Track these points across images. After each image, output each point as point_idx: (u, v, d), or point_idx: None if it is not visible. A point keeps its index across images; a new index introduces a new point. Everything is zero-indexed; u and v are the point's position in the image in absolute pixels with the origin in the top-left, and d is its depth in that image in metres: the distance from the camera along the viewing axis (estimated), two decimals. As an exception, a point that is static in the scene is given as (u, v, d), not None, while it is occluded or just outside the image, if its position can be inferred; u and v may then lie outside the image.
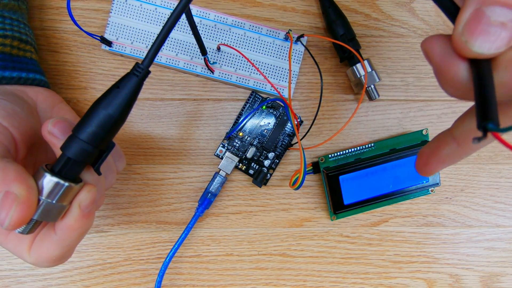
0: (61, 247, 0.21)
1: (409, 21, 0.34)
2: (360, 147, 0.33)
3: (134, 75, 0.18)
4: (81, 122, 0.18)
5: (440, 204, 0.35)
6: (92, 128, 0.18)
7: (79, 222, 0.20)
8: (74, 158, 0.18)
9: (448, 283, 0.35)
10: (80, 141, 0.18)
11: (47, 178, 0.19)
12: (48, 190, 0.19)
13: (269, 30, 0.32)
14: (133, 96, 0.19)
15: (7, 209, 0.17)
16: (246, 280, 0.34)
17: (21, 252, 0.21)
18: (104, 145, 0.19)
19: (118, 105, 0.18)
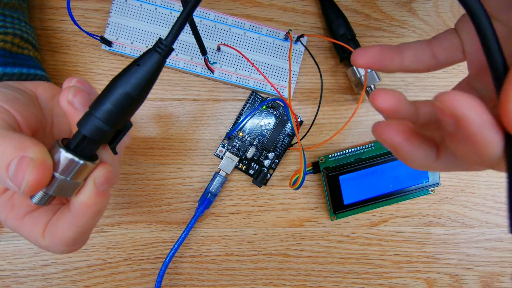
0: (75, 227, 0.20)
1: (409, 21, 0.34)
2: (360, 147, 0.33)
3: (156, 52, 0.17)
4: (99, 100, 0.18)
5: (440, 204, 0.35)
6: (109, 106, 0.17)
7: (94, 200, 0.20)
8: (89, 136, 0.18)
9: (448, 283, 0.35)
10: (97, 120, 0.17)
11: (62, 154, 0.18)
12: (63, 166, 0.18)
13: (269, 30, 0.32)
14: (154, 75, 0.18)
15: (23, 171, 0.17)
16: (246, 280, 0.34)
17: (35, 236, 0.21)
18: (121, 125, 0.19)
19: (138, 83, 0.17)
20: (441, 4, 0.34)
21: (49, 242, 0.21)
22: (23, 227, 0.21)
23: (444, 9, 0.34)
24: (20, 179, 0.17)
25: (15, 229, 0.22)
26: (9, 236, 0.32)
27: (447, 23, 0.34)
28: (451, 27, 0.34)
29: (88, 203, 0.20)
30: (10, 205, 0.21)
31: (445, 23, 0.34)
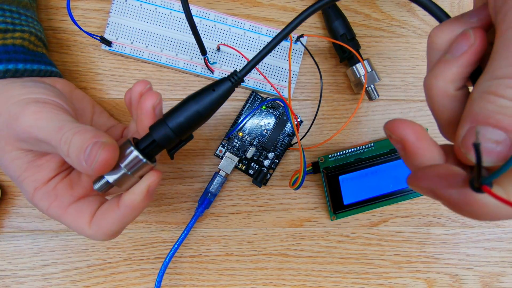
0: (121, 222, 0.22)
1: (409, 21, 0.34)
2: (360, 147, 0.33)
3: (230, 81, 0.21)
4: (173, 112, 0.21)
5: (440, 204, 0.35)
6: (181, 120, 0.20)
7: (144, 200, 0.22)
8: (158, 141, 0.21)
9: (448, 283, 0.35)
10: (168, 129, 0.20)
11: (132, 150, 0.21)
12: (129, 161, 0.21)
13: (269, 30, 0.32)
14: (223, 99, 0.21)
15: (96, 151, 0.19)
16: (246, 280, 0.34)
17: (81, 225, 0.23)
18: (185, 137, 0.22)
19: (209, 105, 0.21)
20: (441, 4, 0.34)
21: (95, 232, 0.23)
22: (67, 216, 0.23)
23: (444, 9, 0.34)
24: (92, 159, 0.19)
25: (58, 218, 0.23)
26: (9, 236, 0.32)
27: (447, 23, 0.34)
28: (451, 27, 0.34)
29: (138, 202, 0.22)
30: (54, 195, 0.23)
31: (445, 23, 0.34)
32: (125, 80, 0.32)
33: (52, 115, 0.22)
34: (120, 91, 0.32)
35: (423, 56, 0.34)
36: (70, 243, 0.33)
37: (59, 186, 0.23)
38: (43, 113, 0.22)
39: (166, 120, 0.21)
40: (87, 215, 0.23)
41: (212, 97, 0.21)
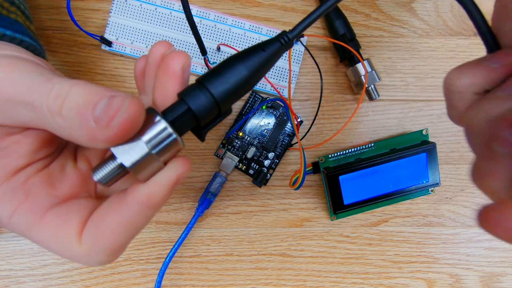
0: (130, 229, 0.15)
1: (409, 21, 0.34)
2: (360, 147, 0.33)
3: (279, 42, 0.17)
4: (213, 75, 0.16)
5: (440, 204, 0.35)
6: (226, 84, 0.16)
7: (166, 196, 0.15)
8: (195, 111, 0.15)
9: (448, 283, 0.35)
10: (209, 95, 0.15)
11: (159, 121, 0.14)
12: (153, 135, 0.14)
13: (269, 30, 0.32)
14: (272, 63, 0.17)
15: (114, 110, 0.13)
16: (246, 280, 0.34)
17: (66, 238, 0.15)
18: (226, 108, 0.17)
19: (258, 68, 0.16)
20: (441, 4, 0.34)
21: (89, 248, 0.15)
22: (45, 225, 0.16)
23: (444, 9, 0.34)
24: (110, 116, 0.13)
25: (27, 229, 0.16)
26: (9, 236, 0.32)
27: (447, 23, 0.34)
28: (451, 27, 0.34)
29: (160, 198, 0.15)
30: (24, 193, 0.16)
31: (445, 23, 0.34)
32: (125, 80, 0.32)
33: (32, 69, 0.15)
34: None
35: (423, 56, 0.34)
36: (70, 243, 0.33)
37: (33, 181, 0.16)
38: (19, 65, 0.15)
39: (206, 84, 0.15)
40: (76, 223, 0.16)
41: (262, 58, 0.16)
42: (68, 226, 0.16)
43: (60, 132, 0.14)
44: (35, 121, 0.15)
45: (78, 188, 0.18)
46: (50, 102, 0.14)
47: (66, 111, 0.13)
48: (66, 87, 0.14)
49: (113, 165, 0.15)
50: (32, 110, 0.14)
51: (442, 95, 0.34)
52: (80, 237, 0.15)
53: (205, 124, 0.17)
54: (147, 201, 0.15)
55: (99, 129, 0.13)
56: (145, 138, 0.14)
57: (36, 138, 0.16)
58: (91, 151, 0.19)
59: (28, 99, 0.14)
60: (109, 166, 0.15)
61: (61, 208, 0.16)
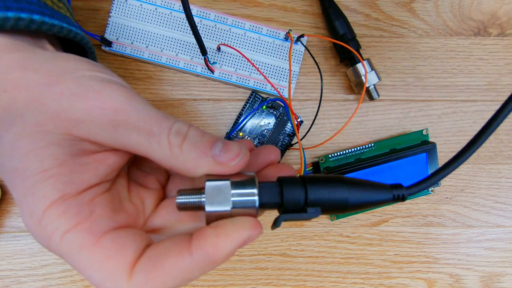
0: (182, 278, 0.15)
1: (409, 21, 0.34)
2: (360, 147, 0.33)
3: (392, 196, 0.19)
4: (319, 180, 0.17)
5: (440, 204, 0.35)
6: (325, 196, 0.17)
7: (231, 251, 0.15)
8: (284, 200, 0.17)
9: (448, 283, 0.35)
10: (303, 194, 0.17)
11: (253, 189, 0.16)
12: (241, 193, 0.16)
13: (269, 30, 0.32)
14: (375, 206, 0.18)
15: (234, 152, 0.16)
16: (246, 280, 0.34)
17: (115, 269, 0.14)
18: (312, 212, 0.17)
19: (358, 202, 0.18)
20: (441, 4, 0.34)
21: (138, 285, 0.14)
22: (98, 249, 0.15)
23: (444, 9, 0.34)
24: (228, 159, 0.16)
25: (78, 249, 0.15)
26: (9, 236, 0.32)
27: (447, 23, 0.34)
28: (451, 27, 0.34)
29: (225, 254, 0.15)
30: (88, 211, 0.15)
31: (445, 23, 0.34)
32: (126, 80, 0.32)
33: (139, 98, 0.17)
34: (120, 91, 0.32)
35: (423, 56, 0.34)
36: (70, 243, 0.33)
37: (98, 201, 0.16)
38: (133, 95, 0.17)
39: (307, 184, 0.17)
40: (131, 254, 0.15)
41: (367, 198, 0.18)
42: (123, 255, 0.15)
43: (163, 160, 0.16)
44: (142, 147, 0.16)
45: (133, 218, 0.18)
46: (172, 136, 0.16)
47: (187, 146, 0.16)
48: (186, 127, 0.17)
49: (196, 200, 0.17)
50: (145, 137, 0.16)
51: (442, 95, 0.34)
52: (131, 271, 0.15)
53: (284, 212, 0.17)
54: (212, 253, 0.15)
55: (215, 164, 0.16)
56: (234, 192, 0.16)
57: (116, 160, 0.17)
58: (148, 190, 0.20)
59: (146, 127, 0.16)
60: (193, 199, 0.17)
61: (118, 233, 0.16)
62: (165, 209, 0.19)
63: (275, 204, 0.17)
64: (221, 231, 0.15)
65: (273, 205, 0.17)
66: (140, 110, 0.16)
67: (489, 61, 0.34)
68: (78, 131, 0.16)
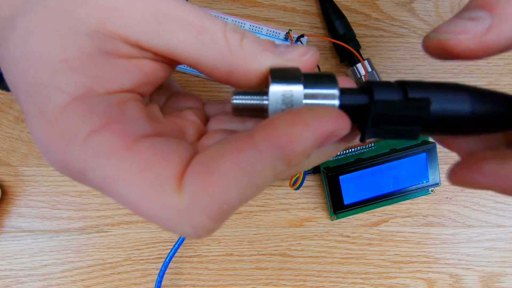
0: (249, 180, 0.11)
1: (409, 21, 0.34)
2: (360, 147, 0.33)
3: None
4: (428, 85, 0.13)
5: (440, 204, 0.35)
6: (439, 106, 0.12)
7: (310, 146, 0.11)
8: (377, 102, 0.12)
9: (448, 283, 0.35)
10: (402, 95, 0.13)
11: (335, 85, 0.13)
12: (318, 93, 0.13)
13: (269, 30, 0.32)
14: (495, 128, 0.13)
15: (305, 49, 0.14)
16: (246, 280, 0.34)
17: (158, 179, 0.11)
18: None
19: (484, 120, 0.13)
20: (441, 4, 0.34)
21: (192, 198, 0.11)
22: (134, 154, 0.11)
23: (444, 9, 0.34)
24: (300, 53, 0.14)
25: (106, 154, 0.11)
26: (9, 236, 0.32)
27: (447, 23, 0.34)
28: (451, 27, 0.34)
29: (303, 145, 0.11)
30: (119, 112, 0.12)
31: (445, 23, 0.34)
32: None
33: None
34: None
35: (423, 56, 0.34)
36: (71, 243, 0.33)
37: (131, 105, 0.13)
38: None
39: (406, 85, 0.13)
40: (177, 160, 0.11)
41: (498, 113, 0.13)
42: (167, 161, 0.11)
43: (219, 62, 0.13)
44: (192, 48, 0.13)
45: (175, 132, 0.14)
46: (229, 33, 0.13)
47: (248, 43, 0.13)
48: (240, 28, 0.14)
49: (258, 101, 0.13)
50: (196, 34, 0.13)
51: (442, 95, 0.34)
52: (180, 181, 0.11)
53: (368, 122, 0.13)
54: (286, 145, 0.11)
55: (284, 61, 0.13)
56: (308, 92, 0.12)
57: (154, 70, 0.14)
58: (187, 121, 0.16)
59: (197, 22, 0.13)
60: (254, 100, 0.13)
61: (158, 140, 0.12)
62: (210, 139, 0.15)
63: (362, 107, 0.13)
64: (297, 118, 0.11)
65: (360, 108, 0.13)
66: (188, 5, 0.13)
67: (489, 61, 0.34)
68: (114, 25, 0.13)
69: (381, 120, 0.12)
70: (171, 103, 0.17)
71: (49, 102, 0.11)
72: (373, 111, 0.12)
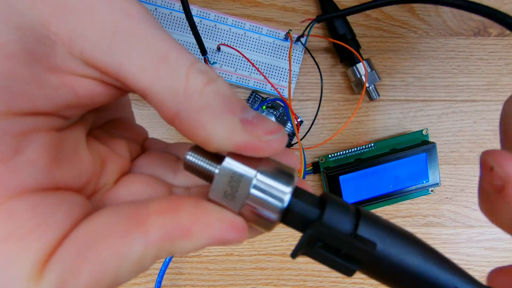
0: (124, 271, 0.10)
1: (409, 21, 0.34)
2: (360, 147, 0.33)
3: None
4: (381, 224, 0.13)
5: (440, 204, 0.35)
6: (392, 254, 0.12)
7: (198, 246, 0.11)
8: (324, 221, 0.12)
9: (448, 283, 0.35)
10: (352, 227, 0.12)
11: (290, 182, 0.12)
12: (268, 187, 0.12)
13: (269, 30, 0.32)
14: None
15: (273, 127, 0.12)
16: (246, 280, 0.34)
17: (15, 273, 0.09)
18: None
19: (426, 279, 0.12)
20: (441, 4, 0.34)
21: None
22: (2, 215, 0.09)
23: (444, 9, 0.34)
24: (263, 130, 0.11)
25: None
26: (9, 236, 0.32)
27: (447, 23, 0.34)
28: (451, 27, 0.34)
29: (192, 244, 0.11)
30: (15, 147, 0.10)
31: (445, 23, 0.34)
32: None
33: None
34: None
35: (423, 56, 0.34)
36: (70, 243, 0.33)
37: (38, 138, 0.10)
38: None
39: (361, 218, 0.13)
40: (51, 238, 0.10)
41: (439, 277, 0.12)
42: (39, 236, 0.09)
43: (168, 100, 0.11)
44: (143, 74, 0.11)
45: (87, 172, 0.12)
46: (193, 71, 0.11)
47: (211, 91, 0.11)
48: (214, 73, 0.12)
49: (209, 168, 0.12)
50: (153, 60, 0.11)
51: (442, 95, 0.34)
52: (44, 266, 0.09)
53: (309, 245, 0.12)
54: (179, 240, 0.11)
55: (242, 131, 0.11)
56: (258, 182, 0.11)
57: (89, 94, 0.11)
58: (113, 154, 0.14)
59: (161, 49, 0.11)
60: (207, 164, 0.12)
61: (44, 201, 0.10)
62: (125, 187, 0.13)
63: (307, 220, 0.12)
64: (201, 214, 0.11)
65: (304, 220, 0.12)
66: (161, 31, 0.11)
67: (489, 61, 0.34)
68: (62, 25, 0.10)
69: (320, 244, 0.12)
70: (108, 128, 0.15)
71: None
72: (315, 232, 0.11)
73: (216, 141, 0.11)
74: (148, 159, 0.15)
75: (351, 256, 0.12)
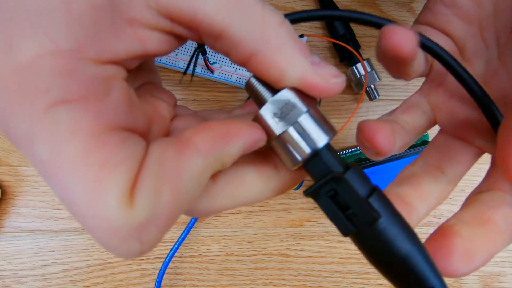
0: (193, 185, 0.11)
1: (409, 21, 0.34)
2: (360, 147, 0.33)
3: None
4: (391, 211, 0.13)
5: (440, 204, 0.35)
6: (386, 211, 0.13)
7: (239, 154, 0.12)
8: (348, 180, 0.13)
9: (448, 283, 0.35)
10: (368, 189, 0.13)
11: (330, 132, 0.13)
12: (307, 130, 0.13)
13: (269, 30, 0.32)
14: None
15: (336, 72, 0.14)
16: (246, 280, 0.34)
17: (112, 200, 0.10)
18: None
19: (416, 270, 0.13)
20: (441, 4, 0.34)
21: (147, 215, 0.10)
22: (98, 147, 0.10)
23: (444, 9, 0.34)
24: (327, 73, 0.13)
25: (68, 134, 0.10)
26: (9, 236, 0.32)
27: (447, 23, 0.34)
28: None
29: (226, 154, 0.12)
30: (105, 90, 0.11)
31: (445, 23, 0.34)
32: (125, 80, 0.32)
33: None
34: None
35: (423, 56, 0.34)
36: (70, 243, 0.33)
37: (118, 84, 0.11)
38: None
39: (375, 191, 0.13)
40: (133, 169, 0.10)
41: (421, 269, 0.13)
42: (125, 168, 0.10)
43: (245, 40, 0.12)
44: (218, 17, 0.11)
45: (142, 125, 0.12)
46: (267, 12, 0.12)
47: (285, 33, 0.12)
48: (280, 14, 0.13)
49: (265, 93, 0.13)
50: (228, 4, 0.11)
51: (442, 95, 0.34)
52: (132, 193, 0.10)
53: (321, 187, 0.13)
54: (223, 147, 0.12)
55: (312, 71, 0.12)
56: (304, 119, 0.13)
57: (154, 43, 0.12)
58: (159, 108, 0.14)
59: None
60: (263, 91, 0.13)
61: (127, 138, 0.11)
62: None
63: (329, 171, 0.13)
64: (232, 125, 0.12)
65: (327, 170, 0.13)
66: None
67: (489, 61, 0.34)
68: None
69: (331, 194, 0.13)
70: (145, 90, 0.15)
71: (24, 41, 0.09)
72: (336, 179, 0.12)
73: (289, 80, 0.12)
74: (183, 122, 0.15)
75: (355, 217, 0.12)
